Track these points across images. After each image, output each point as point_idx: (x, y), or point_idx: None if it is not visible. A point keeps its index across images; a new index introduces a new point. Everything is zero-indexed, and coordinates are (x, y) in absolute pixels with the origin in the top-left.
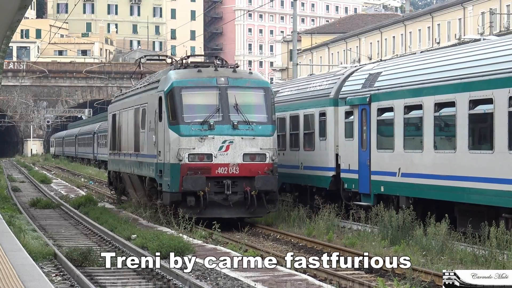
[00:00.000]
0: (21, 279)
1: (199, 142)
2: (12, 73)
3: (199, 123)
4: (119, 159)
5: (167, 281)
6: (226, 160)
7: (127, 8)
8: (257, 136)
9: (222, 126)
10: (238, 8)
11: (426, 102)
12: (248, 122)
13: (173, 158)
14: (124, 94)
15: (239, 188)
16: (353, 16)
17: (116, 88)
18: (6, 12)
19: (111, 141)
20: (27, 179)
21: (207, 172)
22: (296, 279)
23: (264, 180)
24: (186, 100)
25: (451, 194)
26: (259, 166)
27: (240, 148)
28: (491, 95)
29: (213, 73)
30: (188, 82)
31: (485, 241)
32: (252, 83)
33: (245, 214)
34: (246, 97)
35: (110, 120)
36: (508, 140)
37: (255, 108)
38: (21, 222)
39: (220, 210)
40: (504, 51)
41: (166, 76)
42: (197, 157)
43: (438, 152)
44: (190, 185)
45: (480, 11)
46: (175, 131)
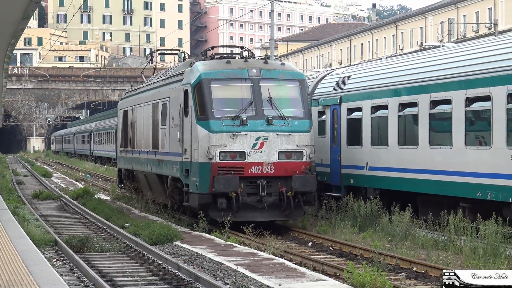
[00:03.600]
0: (25, 264)
1: (231, 139)
2: (16, 77)
3: (230, 118)
4: (133, 157)
5: (158, 265)
6: (260, 158)
7: (120, 18)
8: (293, 132)
9: (256, 122)
10: (221, 18)
11: (391, 102)
12: (284, 117)
13: (202, 157)
14: (137, 89)
15: (274, 188)
16: (325, 25)
17: (110, 90)
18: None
19: (123, 138)
20: (30, 173)
21: (239, 172)
22: (274, 263)
23: (303, 180)
24: (216, 93)
25: (414, 185)
26: (296, 165)
27: (275, 146)
28: (450, 96)
29: (243, 64)
30: (217, 74)
31: (444, 228)
32: (286, 74)
33: (280, 217)
34: (280, 89)
35: (121, 117)
36: (464, 137)
37: (291, 101)
38: (24, 212)
39: (253, 213)
40: (460, 57)
41: (191, 67)
42: (228, 155)
43: (402, 148)
44: (222, 186)
45: (440, 21)
46: (204, 127)
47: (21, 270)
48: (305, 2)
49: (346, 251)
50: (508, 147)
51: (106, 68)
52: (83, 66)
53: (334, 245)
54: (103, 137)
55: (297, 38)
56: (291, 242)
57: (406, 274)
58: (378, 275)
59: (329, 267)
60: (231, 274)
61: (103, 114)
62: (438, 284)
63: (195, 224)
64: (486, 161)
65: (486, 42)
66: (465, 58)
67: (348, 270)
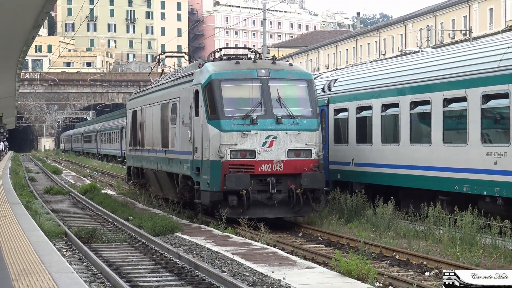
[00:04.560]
0: (37, 254)
1: (241, 138)
2: (28, 82)
3: (240, 118)
4: (142, 155)
5: (160, 254)
6: (270, 156)
7: (124, 26)
8: (302, 131)
9: (265, 121)
10: (217, 26)
11: (375, 103)
12: (293, 116)
13: (213, 155)
14: (146, 90)
15: (283, 186)
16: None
17: (115, 93)
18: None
19: (132, 137)
20: (41, 171)
21: (250, 170)
22: (267, 252)
23: (312, 178)
24: (226, 93)
25: (396, 180)
26: (305, 162)
27: (285, 144)
28: (429, 97)
29: (252, 65)
30: (227, 74)
31: (424, 219)
32: (294, 74)
33: (290, 214)
34: (289, 89)
35: (129, 117)
36: (442, 135)
37: (299, 101)
38: (37, 206)
39: (264, 210)
40: (438, 61)
41: (201, 68)
42: (239, 154)
43: (384, 145)
44: (234, 184)
45: (419, 28)
46: (215, 126)
47: (34, 259)
48: (294, 11)
49: (334, 240)
50: (483, 144)
51: (111, 73)
52: (90, 71)
53: (323, 235)
54: (109, 137)
55: (288, 44)
56: (283, 233)
57: (390, 262)
58: (363, 263)
59: (318, 256)
60: (228, 263)
61: (109, 115)
62: (419, 270)
63: (194, 217)
64: (463, 157)
65: (462, 48)
66: (443, 62)
67: (336, 259)
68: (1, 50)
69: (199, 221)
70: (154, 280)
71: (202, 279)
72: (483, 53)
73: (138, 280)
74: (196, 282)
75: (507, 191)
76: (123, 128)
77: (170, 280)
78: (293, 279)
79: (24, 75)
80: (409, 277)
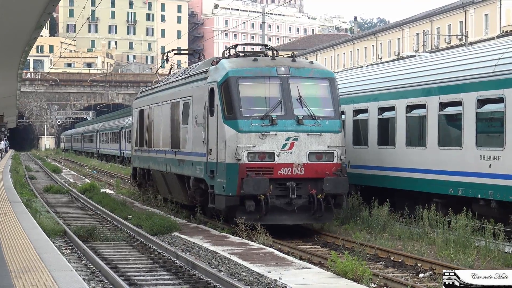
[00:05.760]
0: (37, 252)
1: (260, 139)
2: (29, 82)
3: (259, 118)
4: (149, 156)
5: (158, 254)
6: (290, 159)
7: (124, 28)
8: (324, 133)
9: (285, 121)
10: (216, 28)
11: (371, 107)
12: (314, 117)
13: (230, 157)
14: (154, 88)
15: (304, 191)
16: (311, 36)
17: (115, 94)
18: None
19: (138, 137)
20: (41, 169)
21: (268, 173)
22: (264, 252)
23: (335, 182)
24: (244, 91)
25: (392, 182)
26: (326, 166)
27: (306, 146)
28: (425, 101)
29: (271, 62)
30: (245, 72)
31: (419, 221)
32: (316, 73)
33: (310, 220)
34: (310, 88)
35: (135, 116)
36: (438, 138)
37: (321, 101)
38: (36, 205)
39: (282, 216)
40: (434, 65)
41: (217, 65)
42: (257, 156)
43: (381, 148)
44: (252, 188)
45: (415, 33)
46: (232, 126)
47: (34, 257)
48: (293, 15)
49: (329, 241)
50: (478, 148)
51: (111, 74)
52: (90, 72)
53: (319, 236)
54: (108, 137)
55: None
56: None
57: (384, 263)
58: (358, 263)
59: (314, 256)
60: (225, 262)
61: (109, 115)
62: (413, 272)
63: (192, 217)
64: (457, 160)
65: (458, 52)
66: (439, 67)
67: (331, 259)
68: (4, 50)
69: (197, 220)
70: (152, 278)
71: (199, 278)
72: (478, 58)
73: (136, 279)
74: (193, 281)
75: (501, 194)
76: (122, 128)
77: (167, 279)
78: (289, 279)
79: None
80: (404, 278)
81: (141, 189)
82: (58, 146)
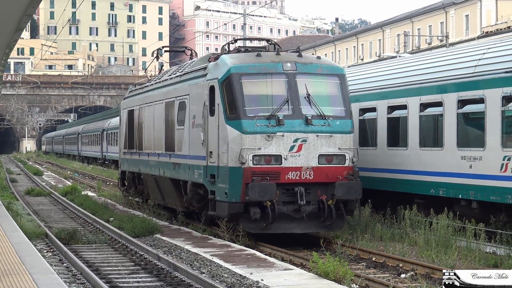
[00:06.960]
0: (18, 255)
1: (265, 141)
2: (10, 84)
3: (265, 118)
4: (140, 159)
5: (140, 256)
6: (298, 162)
7: (106, 30)
8: (334, 134)
9: (293, 121)
10: (197, 30)
11: (353, 107)
12: (324, 117)
13: (233, 160)
14: (144, 87)
15: (313, 196)
16: (292, 37)
17: (97, 96)
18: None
19: (126, 139)
20: (22, 172)
21: (275, 178)
22: (246, 254)
23: (347, 187)
24: (247, 89)
25: (373, 183)
26: (338, 170)
27: (315, 148)
28: (406, 102)
29: (276, 58)
30: (248, 68)
31: (401, 222)
32: (325, 69)
33: (320, 229)
34: (319, 86)
35: (124, 117)
36: (419, 139)
37: (331, 99)
38: (17, 208)
39: (290, 224)
40: (415, 66)
41: (217, 61)
42: (263, 159)
43: (362, 149)
44: (258, 194)
45: (396, 34)
46: (235, 127)
47: (15, 260)
48: (274, 16)
49: (311, 243)
50: (458, 149)
51: (92, 76)
52: (72, 74)
53: (300, 237)
54: (90, 139)
55: None
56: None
57: (366, 264)
58: (340, 265)
59: (296, 258)
60: (206, 264)
61: (90, 117)
62: (395, 272)
63: (173, 218)
64: (439, 161)
65: (438, 53)
66: (420, 68)
67: (313, 260)
68: None
69: (179, 222)
70: (133, 281)
71: (181, 280)
72: (459, 59)
73: (118, 281)
74: (175, 283)
75: (482, 195)
76: (104, 131)
77: (149, 281)
78: (271, 280)
79: (6, 77)
80: (385, 279)
81: (129, 194)
82: (39, 148)
